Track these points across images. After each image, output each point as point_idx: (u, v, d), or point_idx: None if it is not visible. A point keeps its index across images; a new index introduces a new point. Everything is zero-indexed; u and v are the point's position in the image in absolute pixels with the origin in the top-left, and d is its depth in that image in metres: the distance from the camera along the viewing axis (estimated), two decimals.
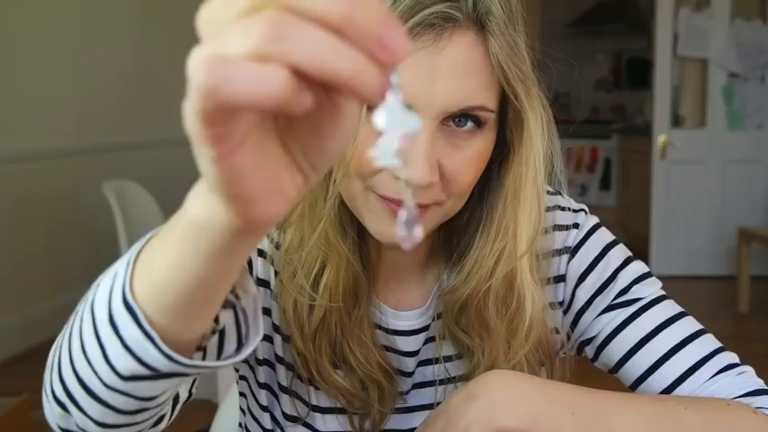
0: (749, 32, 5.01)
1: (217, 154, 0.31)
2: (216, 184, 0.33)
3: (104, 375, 0.46)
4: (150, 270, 0.42)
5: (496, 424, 0.60)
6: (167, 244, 0.41)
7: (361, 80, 0.29)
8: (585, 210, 0.81)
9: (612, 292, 0.76)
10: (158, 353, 0.43)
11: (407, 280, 0.79)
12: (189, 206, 0.38)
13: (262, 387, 0.80)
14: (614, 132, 6.54)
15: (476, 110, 0.63)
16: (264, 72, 0.27)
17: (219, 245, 0.37)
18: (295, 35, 0.28)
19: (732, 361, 0.72)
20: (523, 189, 0.68)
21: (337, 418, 0.78)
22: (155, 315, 0.42)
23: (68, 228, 3.78)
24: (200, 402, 2.73)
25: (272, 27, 0.28)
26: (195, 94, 0.29)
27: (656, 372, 0.72)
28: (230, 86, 0.28)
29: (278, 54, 0.28)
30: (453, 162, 0.63)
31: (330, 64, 0.28)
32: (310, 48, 0.28)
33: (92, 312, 0.46)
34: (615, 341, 0.74)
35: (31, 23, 3.54)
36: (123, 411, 0.49)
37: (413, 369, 0.78)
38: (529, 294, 0.70)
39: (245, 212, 0.34)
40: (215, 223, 0.36)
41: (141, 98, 4.46)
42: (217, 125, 0.30)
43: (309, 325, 0.72)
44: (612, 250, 0.78)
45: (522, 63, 0.64)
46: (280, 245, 0.74)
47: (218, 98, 0.28)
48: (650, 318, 0.73)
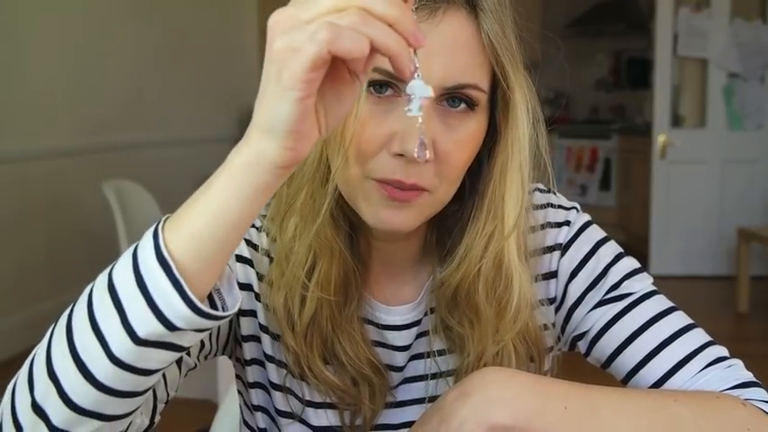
0: (749, 32, 5.01)
1: (303, 95, 0.45)
2: (287, 123, 0.46)
3: (116, 344, 0.51)
4: (189, 224, 0.51)
5: (490, 420, 0.60)
6: (211, 194, 0.50)
7: (403, 55, 0.46)
8: (577, 207, 0.82)
9: (604, 287, 0.77)
10: (182, 302, 0.49)
11: (400, 276, 0.79)
12: (235, 156, 0.49)
13: (252, 386, 0.81)
14: (614, 132, 6.54)
15: (469, 88, 0.65)
16: (359, 36, 0.44)
17: (266, 179, 0.49)
18: (371, 21, 0.45)
19: (721, 354, 0.73)
20: (509, 172, 0.70)
21: (328, 412, 0.78)
22: (190, 262, 0.50)
23: (68, 228, 3.78)
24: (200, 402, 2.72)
25: (357, 13, 0.45)
26: (314, 46, 0.44)
27: (647, 365, 0.73)
28: (341, 42, 0.44)
29: (359, 26, 0.45)
30: (447, 143, 0.66)
31: (390, 43, 0.45)
32: (381, 30, 0.45)
33: (109, 288, 0.52)
34: (607, 335, 0.75)
35: (30, 23, 3.55)
36: (115, 392, 0.53)
37: (403, 364, 0.79)
38: (516, 275, 0.71)
39: (295, 146, 0.48)
40: (268, 159, 0.48)
41: (141, 98, 4.46)
42: (316, 70, 0.45)
43: (301, 321, 0.73)
44: (603, 247, 0.79)
45: (510, 43, 0.67)
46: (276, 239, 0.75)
47: (332, 49, 0.44)
48: (641, 312, 0.75)
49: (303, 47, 0.44)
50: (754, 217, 5.00)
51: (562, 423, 0.61)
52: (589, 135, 6.51)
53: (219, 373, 2.43)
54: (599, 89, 7.26)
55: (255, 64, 6.06)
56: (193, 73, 5.05)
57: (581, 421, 0.62)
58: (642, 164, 5.61)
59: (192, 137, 4.96)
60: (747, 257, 4.28)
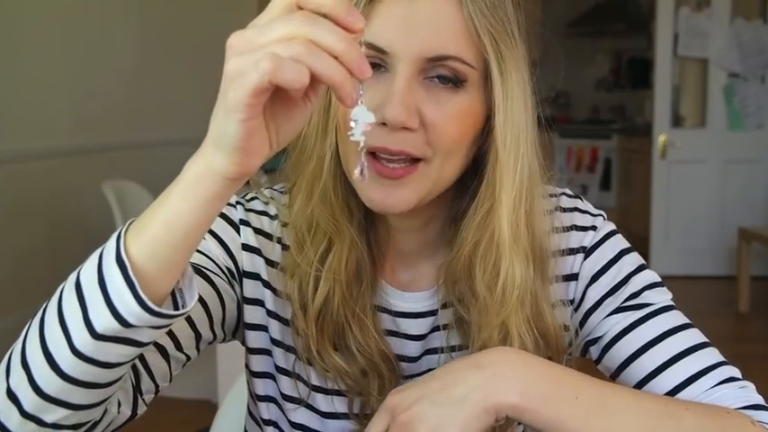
0: (749, 32, 5.01)
1: (246, 117, 0.47)
2: (233, 140, 0.49)
3: (77, 338, 0.54)
4: (147, 229, 0.54)
5: (498, 397, 0.60)
6: (167, 202, 0.53)
7: (346, 85, 0.48)
8: (604, 215, 0.83)
9: (623, 294, 0.77)
10: (134, 300, 0.52)
11: (416, 264, 0.80)
12: (190, 166, 0.52)
13: (257, 376, 0.82)
14: (614, 132, 6.54)
15: (451, 60, 0.66)
16: (300, 67, 0.46)
17: (216, 189, 0.52)
18: (316, 52, 0.47)
19: (734, 375, 0.72)
20: (503, 151, 0.70)
21: (336, 399, 0.79)
22: (148, 264, 0.53)
23: (68, 228, 3.78)
24: (200, 402, 2.74)
25: (304, 44, 0.47)
26: (256, 74, 0.46)
27: (659, 376, 0.72)
28: (281, 73, 0.46)
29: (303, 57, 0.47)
30: (434, 114, 0.67)
31: (333, 74, 0.48)
32: (324, 62, 0.47)
33: (76, 285, 0.55)
34: (621, 342, 0.75)
35: (30, 23, 3.54)
36: (78, 382, 0.56)
37: (417, 355, 0.79)
38: (506, 253, 0.71)
39: (243, 162, 0.50)
40: (217, 172, 0.51)
41: (141, 98, 4.46)
42: (257, 96, 0.47)
43: (313, 305, 0.74)
44: (627, 256, 0.79)
45: (501, 22, 0.68)
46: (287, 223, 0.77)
47: (273, 79, 0.46)
48: (658, 324, 0.74)
49: (247, 73, 0.46)
50: (754, 217, 5.00)
51: (571, 412, 0.62)
52: (589, 135, 6.51)
53: (219, 373, 2.44)
54: (599, 89, 7.26)
55: None
56: (193, 73, 5.05)
57: (589, 413, 0.62)
58: (642, 164, 5.61)
59: (191, 137, 4.94)
60: (748, 257, 4.28)
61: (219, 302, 0.74)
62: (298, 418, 0.80)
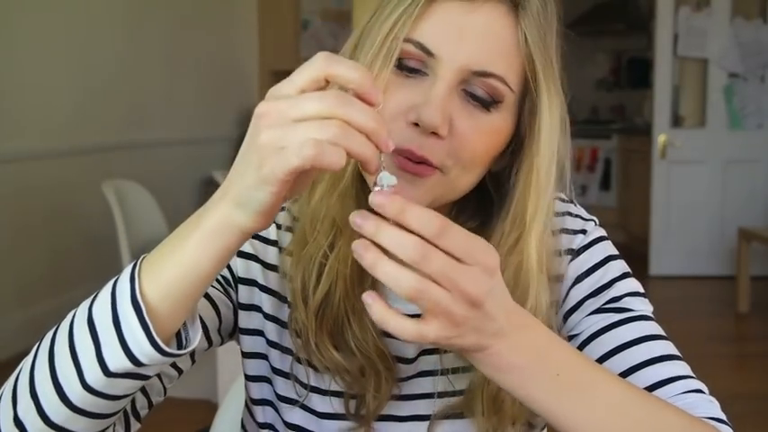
0: (749, 32, 5.01)
1: (279, 190, 0.51)
2: (261, 206, 0.52)
3: (90, 374, 0.57)
4: (163, 272, 0.56)
5: (481, 342, 0.56)
6: (183, 248, 0.56)
7: (374, 159, 0.51)
8: (596, 221, 0.83)
9: (605, 297, 0.77)
10: (148, 342, 0.55)
11: None
12: (208, 219, 0.55)
13: (251, 380, 0.83)
14: (614, 132, 6.54)
15: (494, 78, 0.66)
16: (339, 150, 0.49)
17: (234, 241, 0.55)
18: (351, 133, 0.50)
19: (703, 389, 0.72)
20: (533, 181, 0.69)
21: (333, 400, 0.79)
22: (161, 305, 0.56)
23: (68, 228, 3.78)
24: (200, 402, 2.73)
25: (339, 127, 0.50)
26: (297, 159, 0.48)
27: (633, 375, 0.72)
28: (323, 158, 0.48)
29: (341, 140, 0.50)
30: (465, 126, 0.66)
31: (365, 151, 0.51)
32: (358, 141, 0.50)
33: (89, 321, 0.57)
34: (597, 341, 0.75)
35: (30, 23, 3.54)
36: (86, 413, 0.58)
37: (414, 356, 0.79)
38: (533, 284, 0.70)
39: (264, 221, 0.54)
40: (236, 226, 0.54)
41: (141, 98, 4.46)
42: (294, 175, 0.50)
43: (315, 297, 0.74)
44: (614, 262, 0.79)
45: (548, 50, 0.68)
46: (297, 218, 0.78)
47: (315, 164, 0.48)
48: (636, 328, 0.74)
49: (288, 154, 0.49)
50: (754, 217, 5.00)
51: (544, 387, 0.59)
52: (589, 135, 6.51)
53: (219, 373, 2.44)
54: (599, 89, 7.26)
55: (255, 65, 6.06)
56: (193, 73, 5.05)
57: (562, 392, 0.60)
58: (642, 164, 5.60)
59: (191, 137, 4.97)
60: (748, 257, 4.28)
61: (215, 312, 0.76)
62: (293, 419, 0.80)
